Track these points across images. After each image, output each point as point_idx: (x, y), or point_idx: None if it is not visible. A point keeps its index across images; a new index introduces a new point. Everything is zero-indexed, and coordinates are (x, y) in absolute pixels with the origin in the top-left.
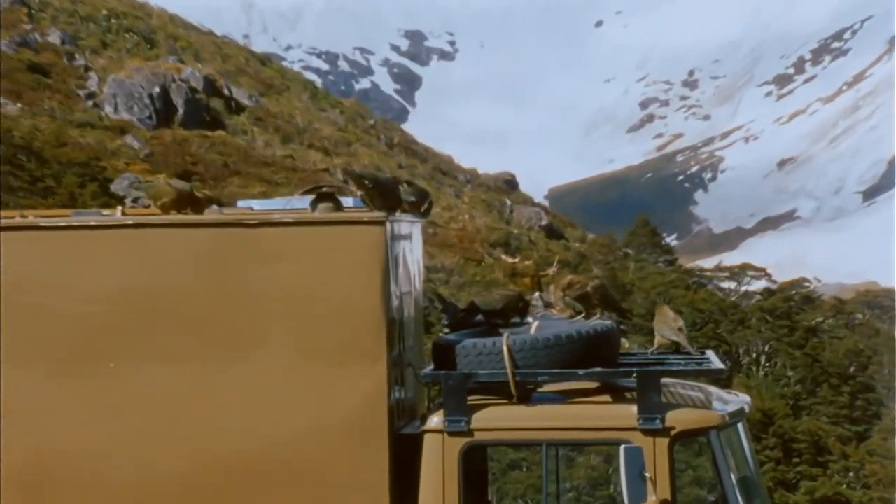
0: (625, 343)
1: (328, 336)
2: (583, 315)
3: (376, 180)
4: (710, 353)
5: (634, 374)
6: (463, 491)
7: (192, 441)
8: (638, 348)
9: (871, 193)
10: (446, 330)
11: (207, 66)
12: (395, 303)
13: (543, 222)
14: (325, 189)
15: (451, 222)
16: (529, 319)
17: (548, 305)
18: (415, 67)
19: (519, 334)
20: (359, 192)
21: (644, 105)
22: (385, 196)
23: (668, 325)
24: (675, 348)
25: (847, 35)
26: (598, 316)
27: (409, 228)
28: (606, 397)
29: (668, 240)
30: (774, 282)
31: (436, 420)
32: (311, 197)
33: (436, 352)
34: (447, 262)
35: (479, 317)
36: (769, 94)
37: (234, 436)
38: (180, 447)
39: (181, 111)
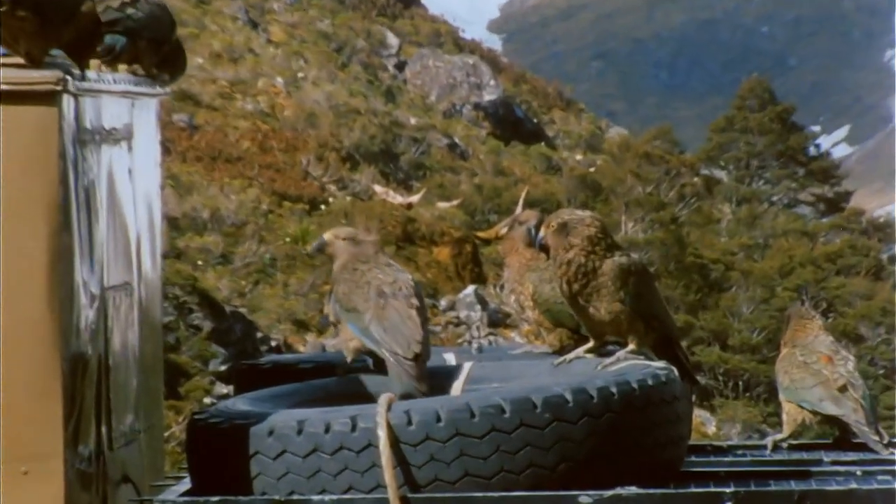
0: (701, 418)
1: None
2: (592, 346)
3: None
4: None
5: (728, 502)
6: None
7: None
8: (741, 436)
9: None
10: (226, 388)
11: None
12: (90, 315)
13: (491, 96)
14: None
15: (236, 96)
16: (449, 356)
17: (496, 324)
18: None
19: (418, 400)
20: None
21: None
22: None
23: (817, 374)
24: (841, 434)
25: None
26: (631, 350)
27: (127, 114)
28: None
29: (820, 143)
30: None
31: None
32: None
33: (198, 444)
34: (227, 207)
35: (318, 352)
36: None
37: None
38: None
39: None
